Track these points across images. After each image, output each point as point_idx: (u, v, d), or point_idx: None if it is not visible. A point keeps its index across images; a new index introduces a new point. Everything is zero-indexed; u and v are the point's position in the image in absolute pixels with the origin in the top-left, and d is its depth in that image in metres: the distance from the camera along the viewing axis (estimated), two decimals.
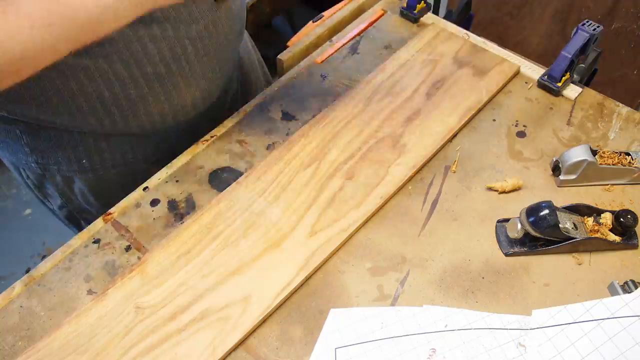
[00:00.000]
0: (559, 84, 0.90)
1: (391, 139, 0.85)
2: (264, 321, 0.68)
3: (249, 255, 0.73)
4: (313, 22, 1.06)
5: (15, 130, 0.81)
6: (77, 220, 0.98)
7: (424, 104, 0.89)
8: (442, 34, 1.00)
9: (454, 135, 0.86)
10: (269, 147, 0.86)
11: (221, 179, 0.83)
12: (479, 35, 1.00)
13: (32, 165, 0.86)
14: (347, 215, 0.76)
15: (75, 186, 0.90)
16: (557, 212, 0.70)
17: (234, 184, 0.80)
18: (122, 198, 0.81)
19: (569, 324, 0.65)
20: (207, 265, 0.72)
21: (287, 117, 0.90)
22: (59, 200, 0.94)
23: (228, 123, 0.90)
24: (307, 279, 0.71)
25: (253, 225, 0.75)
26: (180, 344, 0.65)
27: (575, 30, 0.87)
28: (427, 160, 0.83)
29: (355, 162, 0.82)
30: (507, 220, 0.75)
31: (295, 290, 0.71)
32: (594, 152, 0.78)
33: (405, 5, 1.04)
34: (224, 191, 0.79)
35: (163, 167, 0.84)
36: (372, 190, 0.79)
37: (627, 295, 0.64)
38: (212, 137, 0.88)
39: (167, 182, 0.82)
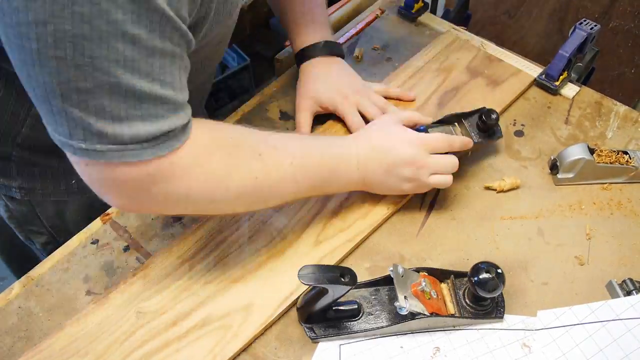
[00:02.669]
0: (557, 83, 0.90)
1: None
2: (265, 330, 0.67)
3: (252, 263, 0.71)
4: None
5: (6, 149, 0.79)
6: None
7: (436, 113, 0.87)
8: (455, 43, 0.98)
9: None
10: None
11: None
12: (477, 34, 1.01)
13: (15, 191, 0.83)
14: (353, 225, 0.75)
15: (67, 213, 0.88)
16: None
17: None
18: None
19: (574, 325, 0.65)
20: (209, 272, 0.71)
21: (286, 116, 0.90)
22: (45, 237, 0.91)
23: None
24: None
25: (257, 233, 0.74)
26: (181, 350, 0.65)
27: (572, 29, 0.87)
28: None
29: None
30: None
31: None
32: (592, 151, 0.78)
33: (403, 4, 1.04)
34: None
35: None
36: (379, 200, 0.77)
37: (632, 297, 0.64)
38: None
39: None
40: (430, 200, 0.79)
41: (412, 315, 0.63)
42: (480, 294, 0.62)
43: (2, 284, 1.78)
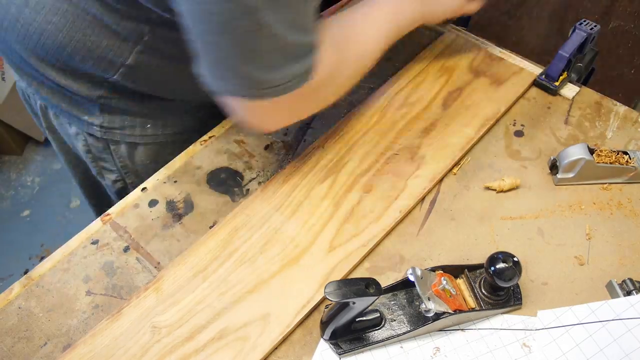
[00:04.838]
0: (557, 83, 0.90)
1: (409, 150, 0.83)
2: (283, 340, 0.66)
3: (267, 272, 0.71)
4: None
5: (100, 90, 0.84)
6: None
7: (441, 114, 0.87)
8: (456, 43, 0.99)
9: (472, 147, 0.85)
10: (267, 147, 0.87)
11: (219, 179, 0.83)
12: (477, 34, 1.01)
13: (96, 129, 0.88)
14: (366, 229, 0.74)
15: (137, 156, 0.92)
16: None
17: (249, 198, 0.79)
18: None
19: (574, 325, 0.65)
20: (224, 282, 0.70)
21: None
22: (115, 175, 0.95)
23: (226, 123, 0.90)
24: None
25: (270, 241, 0.73)
26: None
27: (572, 29, 0.87)
28: (446, 172, 0.81)
29: (372, 175, 0.80)
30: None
31: (316, 307, 0.69)
32: (592, 151, 0.78)
33: None
34: (238, 206, 0.78)
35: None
36: (391, 204, 0.77)
37: (632, 297, 0.64)
38: (210, 137, 0.88)
39: (165, 182, 0.82)
40: (430, 200, 0.79)
41: (437, 316, 0.63)
42: (499, 284, 0.63)
43: (2, 284, 1.78)
